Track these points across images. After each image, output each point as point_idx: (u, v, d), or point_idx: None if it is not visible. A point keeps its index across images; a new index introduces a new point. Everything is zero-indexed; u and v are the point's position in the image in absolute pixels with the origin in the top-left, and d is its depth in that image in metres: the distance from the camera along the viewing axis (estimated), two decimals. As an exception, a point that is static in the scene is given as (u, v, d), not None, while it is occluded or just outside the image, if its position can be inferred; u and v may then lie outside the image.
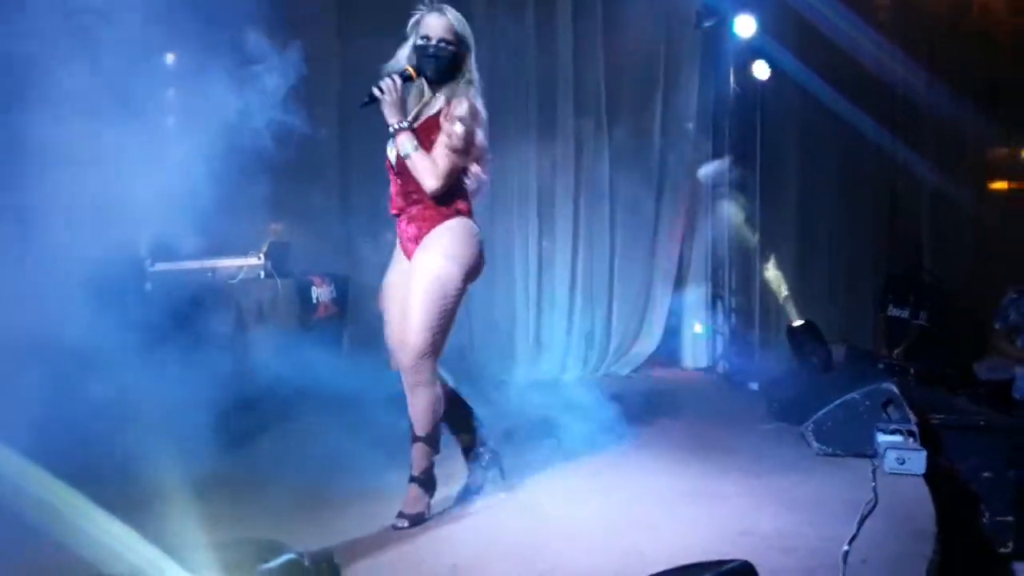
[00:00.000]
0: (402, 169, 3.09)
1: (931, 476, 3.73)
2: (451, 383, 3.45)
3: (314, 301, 5.21)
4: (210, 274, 4.34)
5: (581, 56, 6.49)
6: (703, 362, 6.88)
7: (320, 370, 5.27)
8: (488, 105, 6.28)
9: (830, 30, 6.34)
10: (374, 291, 5.80)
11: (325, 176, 5.76)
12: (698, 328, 6.77)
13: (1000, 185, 6.76)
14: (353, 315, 5.88)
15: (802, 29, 6.44)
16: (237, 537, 2.60)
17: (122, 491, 3.14)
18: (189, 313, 3.95)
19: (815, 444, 4.35)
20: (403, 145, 3.02)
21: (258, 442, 4.23)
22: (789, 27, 6.47)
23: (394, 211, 3.17)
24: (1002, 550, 3.71)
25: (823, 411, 4.42)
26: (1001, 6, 6.68)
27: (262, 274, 4.75)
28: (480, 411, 3.92)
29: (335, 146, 5.91)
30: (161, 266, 4.00)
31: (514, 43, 6.48)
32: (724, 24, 6.19)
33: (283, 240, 5.31)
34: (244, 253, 4.70)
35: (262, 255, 4.79)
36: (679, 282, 6.89)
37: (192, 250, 4.36)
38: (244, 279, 4.52)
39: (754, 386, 6.08)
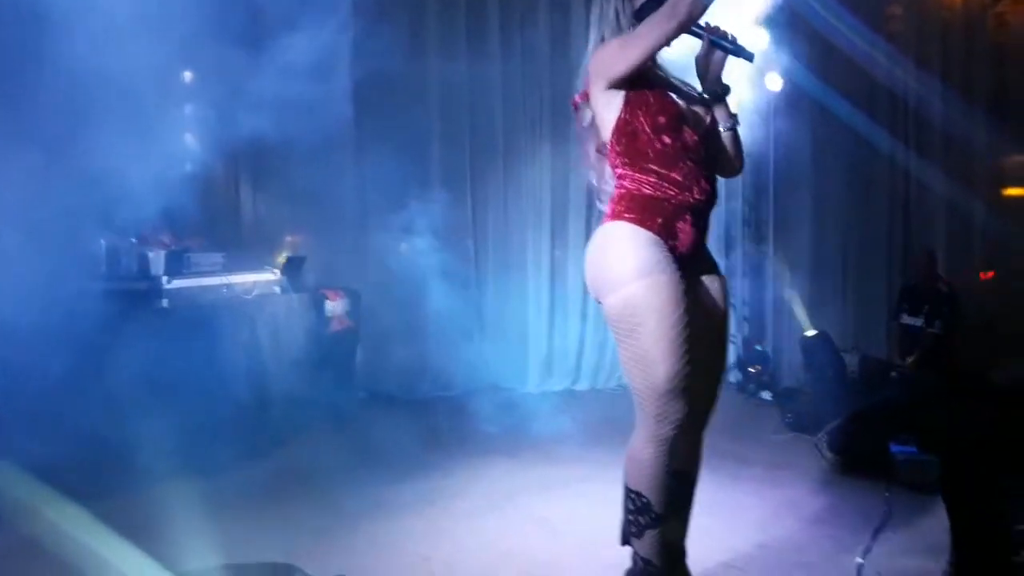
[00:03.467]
0: (704, 144, 2.30)
1: (945, 487, 3.71)
2: None
3: (328, 315, 5.25)
4: (225, 290, 4.38)
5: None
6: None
7: (334, 384, 5.35)
8: (503, 113, 6.44)
9: (842, 41, 6.34)
10: (386, 304, 5.93)
11: (341, 188, 5.79)
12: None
13: (1014, 192, 6.73)
14: (367, 328, 5.93)
15: (813, 41, 6.45)
16: (251, 562, 2.60)
17: (130, 509, 3.19)
18: (205, 329, 3.99)
19: (829, 455, 4.35)
20: (730, 114, 2.37)
21: (272, 457, 4.26)
22: (801, 39, 6.47)
23: (700, 197, 2.24)
24: (1016, 559, 3.69)
25: (837, 422, 4.42)
26: (1014, 18, 6.66)
27: (277, 289, 4.80)
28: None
29: (351, 158, 5.96)
30: (177, 282, 4.03)
31: (528, 53, 6.54)
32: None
33: (298, 254, 5.35)
34: (260, 268, 4.74)
35: (277, 270, 4.84)
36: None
37: (208, 266, 4.41)
38: (259, 294, 4.56)
39: (767, 396, 6.08)
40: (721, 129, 2.35)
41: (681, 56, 2.40)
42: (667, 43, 2.14)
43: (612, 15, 2.30)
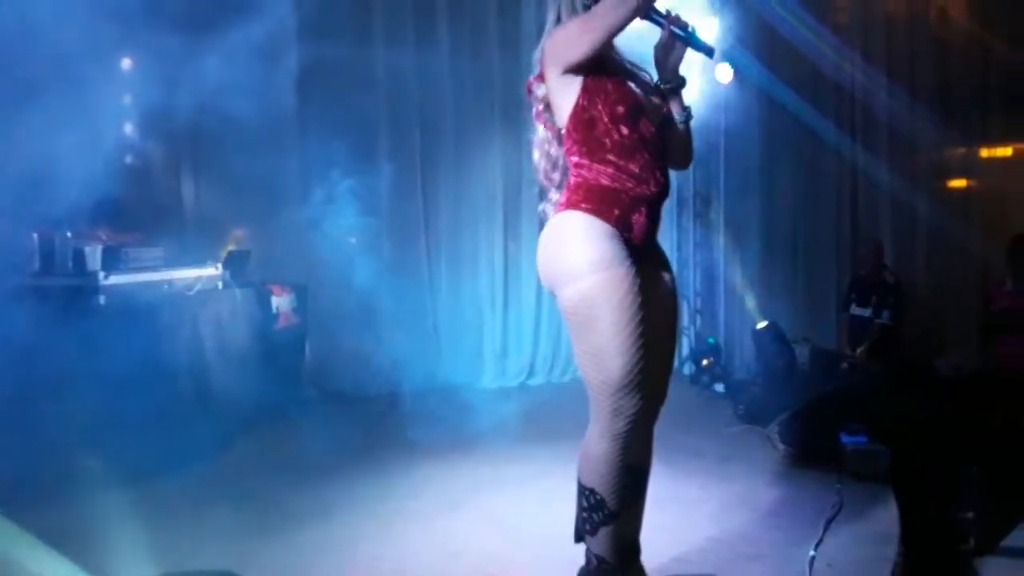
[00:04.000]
0: (660, 135, 2.28)
1: (894, 476, 3.75)
2: None
3: (274, 311, 5.13)
4: (166, 286, 4.23)
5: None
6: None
7: (281, 382, 5.23)
8: (454, 105, 6.34)
9: (791, 34, 6.40)
10: (336, 299, 5.81)
11: (287, 180, 5.65)
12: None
13: (957, 184, 6.87)
14: (316, 325, 5.81)
15: (763, 33, 6.50)
16: (192, 570, 2.50)
17: (64, 517, 3.05)
18: (144, 326, 3.84)
19: (781, 447, 4.38)
20: (683, 106, 2.34)
21: (216, 458, 4.13)
22: (751, 31, 6.51)
23: (656, 189, 2.20)
24: (963, 547, 3.75)
25: (788, 413, 4.45)
26: (957, 13, 6.79)
27: (220, 284, 4.66)
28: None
29: (297, 149, 5.81)
30: (115, 278, 3.87)
31: (479, 42, 6.45)
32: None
33: (243, 249, 5.21)
34: (202, 263, 4.59)
35: (220, 265, 4.70)
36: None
37: (148, 261, 4.25)
38: (201, 290, 4.41)
39: (720, 388, 6.11)
40: (677, 120, 2.32)
41: (638, 44, 2.36)
42: (624, 25, 2.10)
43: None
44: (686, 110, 2.33)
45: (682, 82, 2.31)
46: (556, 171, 2.38)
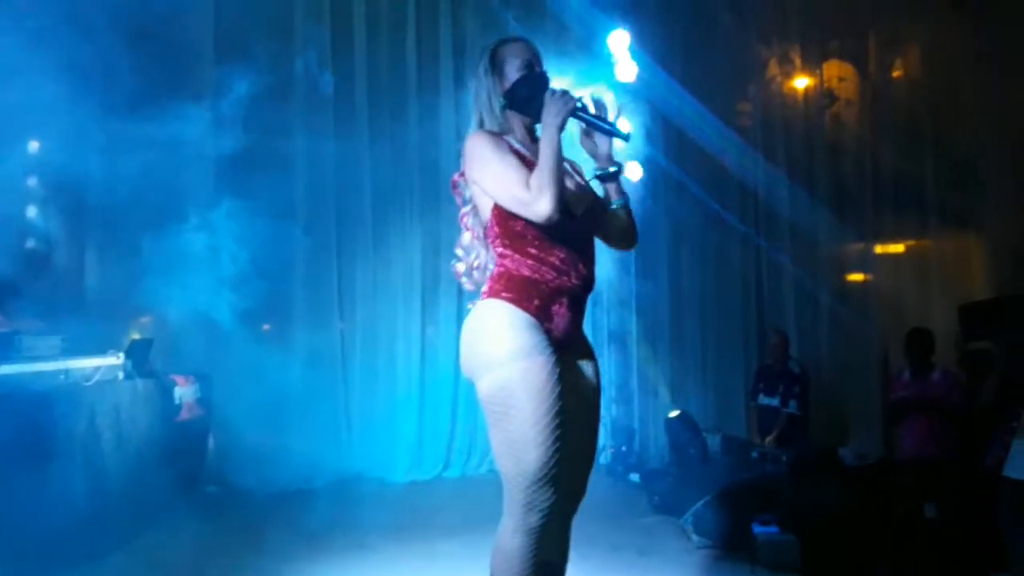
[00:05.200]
0: (592, 227, 2.34)
1: (805, 566, 3.79)
2: None
3: (177, 402, 4.92)
4: (63, 375, 4.01)
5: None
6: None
7: (183, 478, 4.99)
8: (373, 191, 6.35)
9: (697, 134, 6.75)
10: (243, 390, 5.61)
11: (196, 264, 5.50)
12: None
13: (855, 278, 7.22)
14: (221, 416, 5.58)
15: (671, 133, 6.82)
16: None
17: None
18: (36, 420, 3.62)
19: (695, 537, 4.39)
20: (621, 191, 2.39)
21: (110, 561, 3.88)
22: (660, 131, 6.83)
23: (577, 281, 2.21)
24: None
25: (701, 503, 4.48)
26: (848, 118, 7.29)
27: (121, 374, 4.45)
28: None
29: (206, 236, 5.67)
30: (5, 368, 3.66)
31: (398, 132, 6.52)
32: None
33: (146, 337, 5.02)
34: (102, 352, 4.40)
35: (122, 354, 4.51)
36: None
37: (44, 349, 4.05)
38: (101, 380, 4.21)
39: (635, 478, 6.11)
40: (613, 206, 2.37)
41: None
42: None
43: (484, 97, 2.31)
44: (623, 195, 2.38)
45: (619, 167, 2.37)
46: (477, 260, 2.38)
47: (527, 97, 2.23)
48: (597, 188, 2.41)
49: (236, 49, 5.91)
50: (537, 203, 2.08)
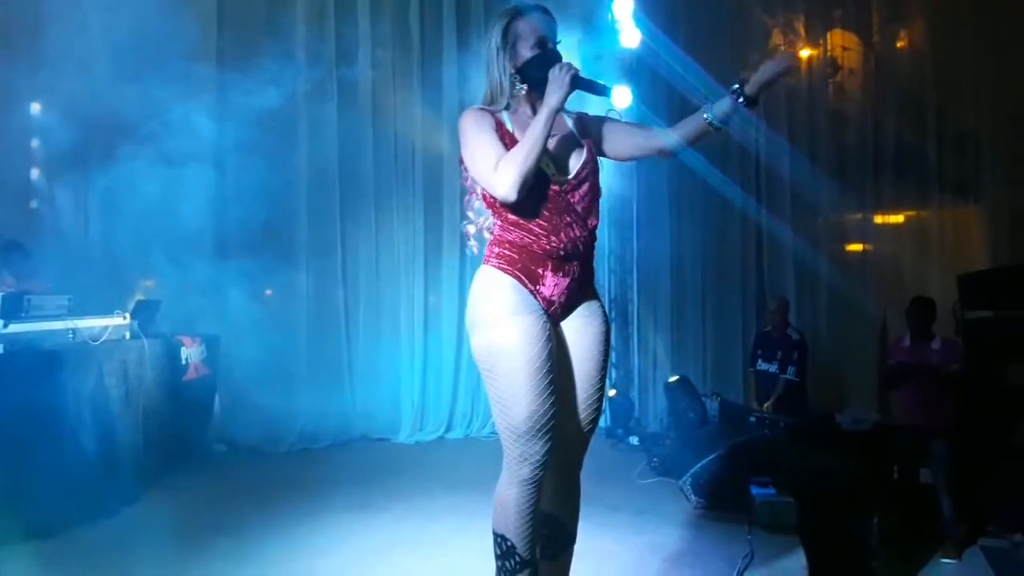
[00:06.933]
0: (586, 189, 2.30)
1: (801, 527, 3.87)
2: None
3: (183, 362, 4.97)
4: (71, 335, 4.06)
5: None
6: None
7: (189, 435, 5.06)
8: (375, 158, 6.37)
9: (700, 102, 6.71)
10: (249, 351, 5.67)
11: (202, 229, 5.53)
12: (612, 393, 6.78)
13: (855, 247, 7.27)
14: (229, 377, 5.65)
15: (672, 100, 6.81)
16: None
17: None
18: (46, 377, 3.68)
19: (693, 498, 4.47)
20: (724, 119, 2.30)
21: (120, 515, 3.95)
22: (663, 97, 6.82)
23: (558, 244, 2.21)
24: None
25: (699, 465, 4.56)
26: (852, 87, 7.29)
27: (128, 335, 4.50)
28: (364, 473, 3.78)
29: (213, 200, 5.70)
30: (15, 327, 3.70)
31: (402, 100, 6.55)
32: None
33: (152, 298, 5.06)
34: (110, 312, 4.44)
35: (128, 314, 4.55)
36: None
37: (52, 309, 4.08)
38: (108, 340, 4.25)
39: (634, 441, 6.21)
40: (709, 118, 2.28)
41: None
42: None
43: (496, 74, 2.30)
44: (724, 122, 2.28)
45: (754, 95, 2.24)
46: (486, 231, 2.41)
47: (539, 79, 2.21)
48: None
49: (240, 18, 5.90)
50: (498, 184, 2.12)
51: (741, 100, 2.24)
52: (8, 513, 3.26)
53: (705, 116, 2.29)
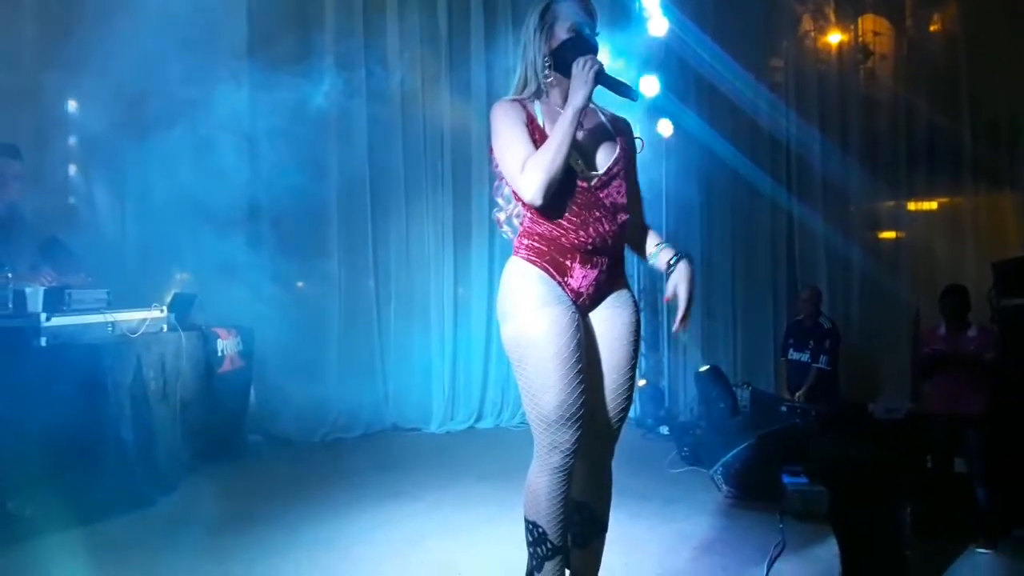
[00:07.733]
0: (616, 181, 2.32)
1: (833, 516, 3.85)
2: None
3: (220, 354, 5.06)
4: (110, 328, 4.15)
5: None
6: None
7: (226, 426, 5.14)
8: (404, 150, 6.42)
9: (729, 90, 6.70)
10: (283, 344, 5.77)
11: (236, 223, 5.61)
12: (642, 383, 6.79)
13: (887, 235, 7.19)
14: (263, 369, 5.74)
15: (703, 89, 6.78)
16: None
17: (5, 565, 2.97)
18: (86, 369, 3.76)
19: (724, 487, 4.47)
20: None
21: (159, 504, 4.03)
22: (691, 88, 6.79)
23: (587, 239, 2.22)
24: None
25: (730, 454, 4.55)
26: (883, 73, 7.20)
27: (165, 327, 4.59)
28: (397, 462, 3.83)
29: (246, 194, 5.78)
30: (57, 320, 3.79)
31: (429, 95, 6.59)
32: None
33: (188, 292, 5.15)
34: (147, 305, 4.53)
35: (165, 307, 4.64)
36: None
37: (91, 303, 4.17)
38: (146, 333, 4.34)
39: (665, 430, 6.20)
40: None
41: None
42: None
43: (532, 56, 2.30)
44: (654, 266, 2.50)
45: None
46: (516, 218, 2.42)
47: (570, 64, 2.17)
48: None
49: (269, 12, 5.97)
50: (524, 189, 2.15)
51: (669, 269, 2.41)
52: (49, 502, 3.35)
53: (649, 253, 2.48)
